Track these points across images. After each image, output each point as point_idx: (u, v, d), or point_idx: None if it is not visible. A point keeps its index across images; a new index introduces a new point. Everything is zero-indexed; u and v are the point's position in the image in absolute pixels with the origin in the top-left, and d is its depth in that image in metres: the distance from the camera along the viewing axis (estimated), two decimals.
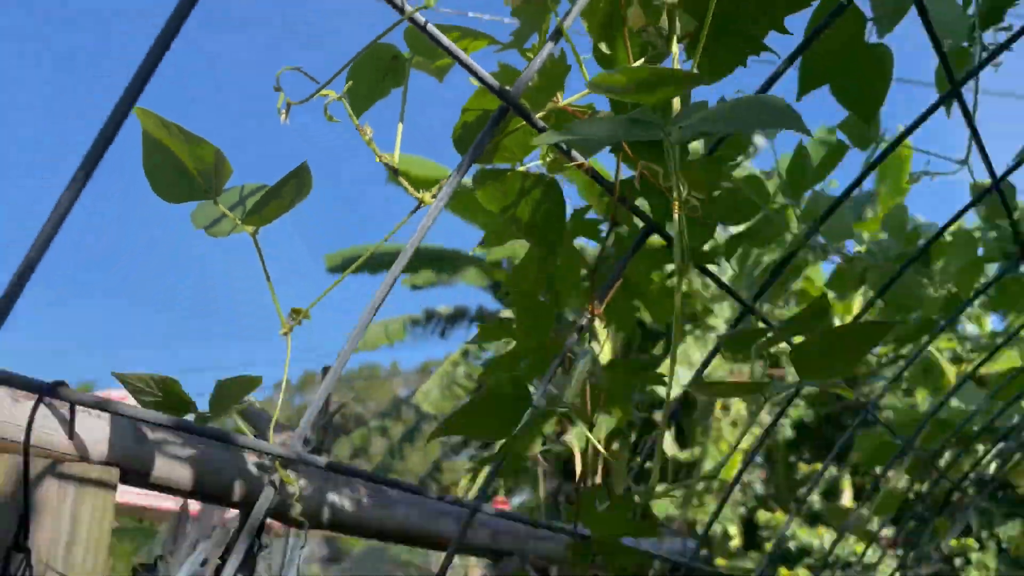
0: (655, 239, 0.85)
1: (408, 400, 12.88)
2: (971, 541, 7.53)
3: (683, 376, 9.71)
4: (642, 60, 0.64)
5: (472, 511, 0.88)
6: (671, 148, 0.57)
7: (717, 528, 9.24)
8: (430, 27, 0.63)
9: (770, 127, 0.56)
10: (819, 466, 8.82)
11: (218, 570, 1.09)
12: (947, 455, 1.75)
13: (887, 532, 8.47)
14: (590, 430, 0.80)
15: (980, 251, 1.29)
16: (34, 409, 0.57)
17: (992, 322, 4.92)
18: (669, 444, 11.95)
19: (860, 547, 7.69)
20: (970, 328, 5.06)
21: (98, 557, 0.79)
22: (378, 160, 0.69)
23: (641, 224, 0.78)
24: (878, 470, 2.01)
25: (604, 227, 0.86)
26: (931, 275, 1.36)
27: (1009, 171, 1.11)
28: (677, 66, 0.63)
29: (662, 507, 8.40)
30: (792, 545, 7.62)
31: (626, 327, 0.85)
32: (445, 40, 0.61)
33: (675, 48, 0.60)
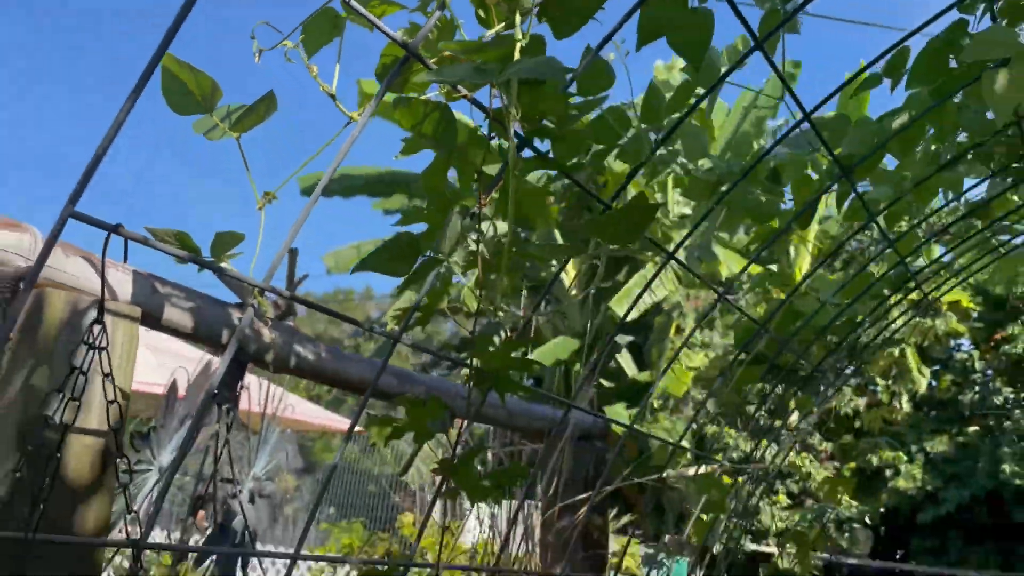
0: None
1: (379, 321, 13.24)
2: (901, 455, 8.13)
3: (642, 300, 10.11)
4: (503, 24, 0.94)
5: (394, 341, 1.20)
6: (502, 86, 0.88)
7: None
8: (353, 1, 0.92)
9: (547, 76, 0.85)
10: (764, 385, 9.31)
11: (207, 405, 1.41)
12: (812, 345, 2.09)
13: (827, 446, 9.08)
14: (480, 287, 1.11)
15: (812, 174, 1.62)
16: (105, 242, 0.86)
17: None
18: (629, 365, 12.46)
19: (801, 460, 8.27)
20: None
21: (127, 373, 1.11)
22: (321, 89, 0.98)
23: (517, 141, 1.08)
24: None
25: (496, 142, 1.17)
26: (780, 192, 1.69)
27: (815, 108, 1.42)
28: (526, 30, 0.92)
29: (619, 413, 8.91)
30: (735, 455, 8.13)
31: (518, 213, 1.15)
32: (362, 9, 0.89)
33: (517, 19, 0.89)
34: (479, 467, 1.67)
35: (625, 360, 12.48)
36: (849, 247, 5.14)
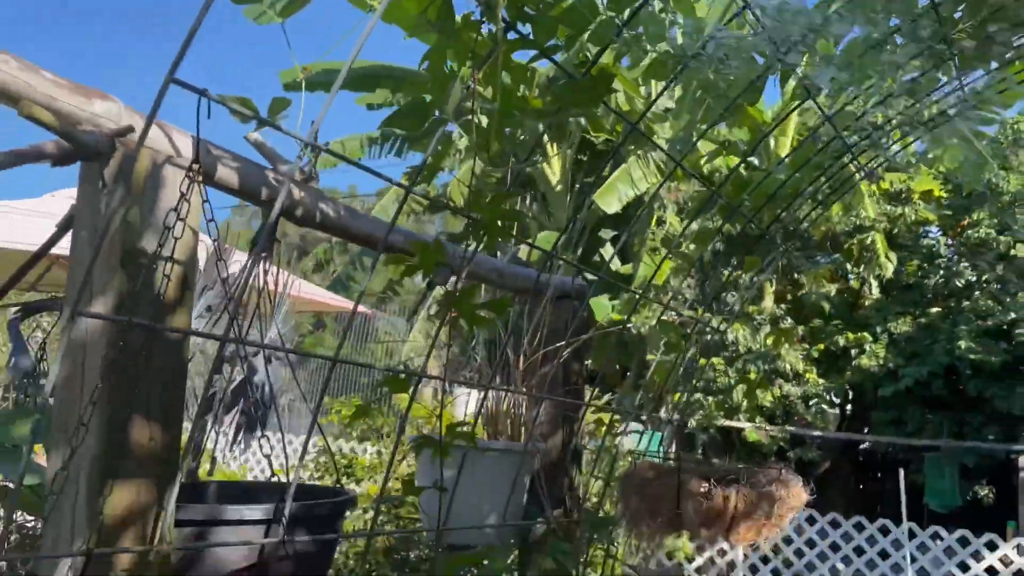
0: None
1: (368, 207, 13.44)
2: (866, 335, 8.61)
3: (625, 194, 10.38)
4: None
5: (406, 192, 1.48)
6: None
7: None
8: None
9: None
10: (740, 274, 9.68)
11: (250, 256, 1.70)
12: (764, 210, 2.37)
13: (799, 329, 9.55)
14: (476, 150, 1.39)
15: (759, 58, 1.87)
16: (198, 104, 1.12)
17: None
18: (614, 259, 12.83)
19: (771, 339, 8.74)
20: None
21: (196, 216, 1.39)
22: None
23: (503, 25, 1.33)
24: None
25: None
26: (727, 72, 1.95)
27: None
28: None
29: (602, 305, 9.31)
30: (710, 338, 8.56)
31: (508, 88, 1.41)
32: None
33: None
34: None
35: (608, 253, 12.85)
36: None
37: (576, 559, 2.18)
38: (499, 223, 1.56)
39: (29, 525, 1.92)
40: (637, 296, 2.17)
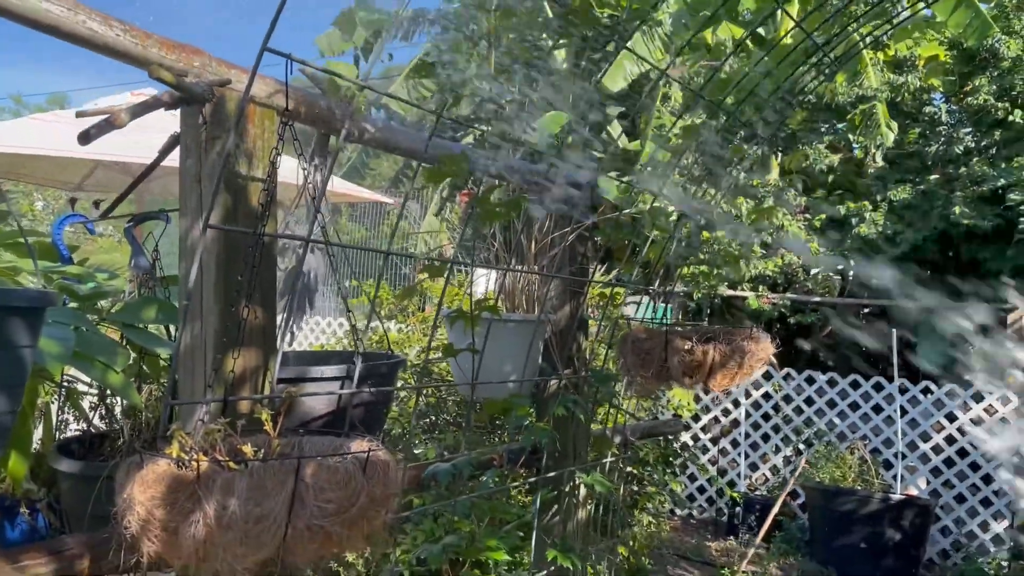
0: None
1: (376, 103, 13.60)
2: (867, 204, 8.91)
3: (630, 71, 10.47)
4: None
5: (438, 116, 1.83)
6: None
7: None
8: None
9: None
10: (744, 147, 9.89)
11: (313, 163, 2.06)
12: (746, 109, 2.66)
13: (802, 200, 9.84)
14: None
15: None
16: (287, 65, 1.46)
17: None
18: (619, 135, 13.00)
19: (754, 216, 9.06)
20: None
21: (267, 141, 1.76)
22: None
23: None
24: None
25: None
26: None
27: None
28: None
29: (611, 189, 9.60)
30: (717, 212, 8.89)
31: None
32: None
33: None
34: None
35: (615, 131, 13.01)
36: None
37: (583, 408, 2.64)
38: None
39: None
40: (634, 181, 2.51)
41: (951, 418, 7.31)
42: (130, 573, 1.58)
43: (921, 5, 3.34)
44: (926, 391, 7.42)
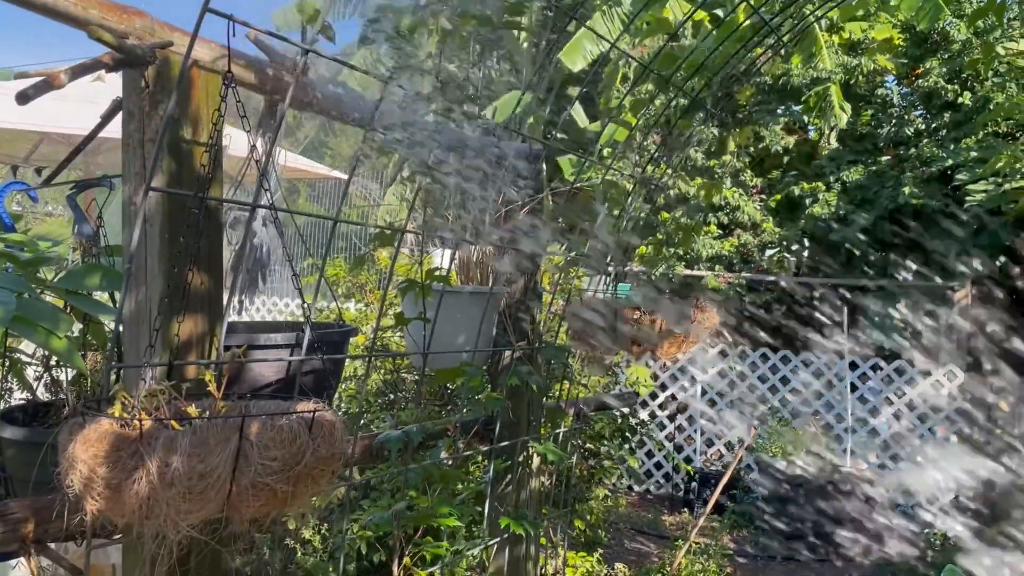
0: None
1: (333, 81, 13.45)
2: (820, 184, 9.07)
3: (589, 51, 10.48)
4: None
5: (385, 82, 1.84)
6: None
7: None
8: None
9: None
10: (704, 127, 9.97)
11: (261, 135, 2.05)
12: (694, 80, 2.70)
13: (757, 181, 9.98)
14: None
15: None
16: (229, 26, 1.46)
17: None
18: (580, 116, 13.04)
19: (729, 193, 9.19)
20: None
21: (212, 106, 1.75)
22: None
23: None
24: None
25: None
26: None
27: None
28: None
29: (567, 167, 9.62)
30: (672, 193, 8.97)
31: None
32: None
33: None
34: None
35: (577, 113, 13.04)
36: None
37: (536, 379, 2.68)
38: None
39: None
40: (584, 159, 2.54)
41: (899, 394, 7.52)
42: (76, 536, 1.58)
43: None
44: (875, 368, 7.61)
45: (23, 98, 1.42)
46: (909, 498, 7.26)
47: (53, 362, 2.08)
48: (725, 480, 5.15)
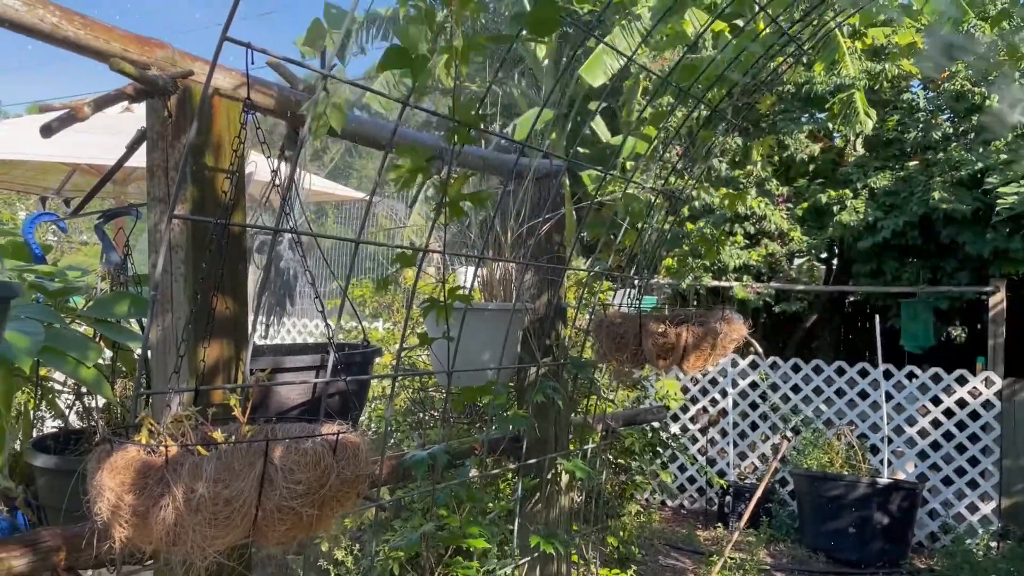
0: None
1: (357, 104, 13.61)
2: (847, 191, 8.97)
3: (610, 66, 10.50)
4: None
5: (404, 105, 1.85)
6: None
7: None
8: None
9: None
10: (727, 138, 9.92)
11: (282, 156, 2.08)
12: (712, 91, 2.68)
13: (784, 190, 9.90)
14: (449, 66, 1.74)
15: None
16: (247, 54, 1.47)
17: None
18: (603, 131, 13.04)
19: (755, 203, 9.13)
20: None
21: (234, 133, 1.77)
22: None
23: None
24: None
25: None
26: None
27: None
28: None
29: (590, 182, 9.61)
30: (697, 204, 8.93)
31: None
32: None
33: None
34: None
35: (599, 126, 13.04)
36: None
37: (563, 395, 2.66)
38: (469, 130, 1.93)
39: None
40: (604, 173, 2.53)
41: (936, 401, 7.38)
42: (106, 564, 1.59)
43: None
44: (911, 376, 7.49)
45: (47, 131, 1.45)
46: (949, 508, 7.11)
47: (84, 390, 2.11)
48: (760, 493, 5.08)
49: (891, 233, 8.30)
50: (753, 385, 8.24)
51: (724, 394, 8.28)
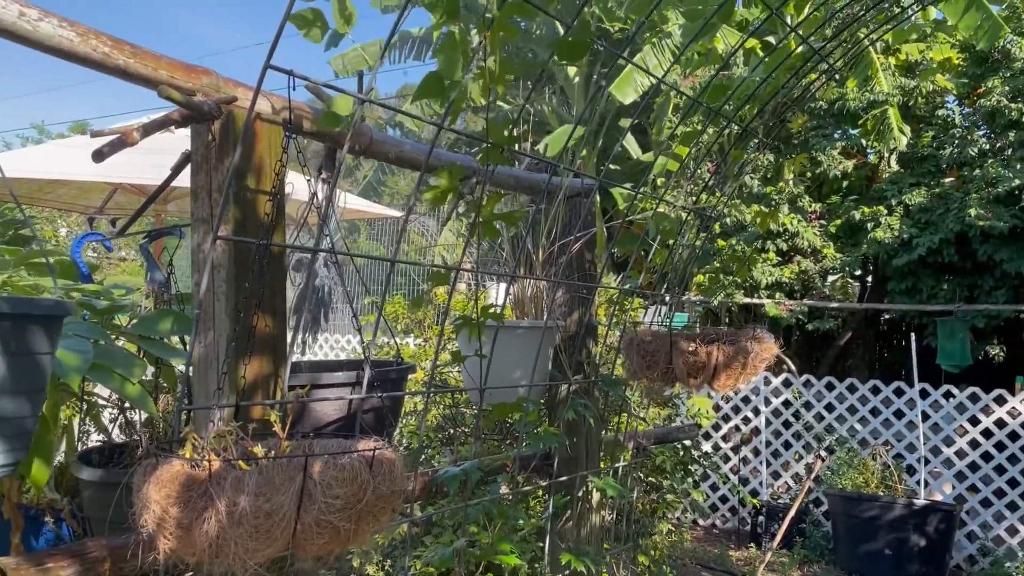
0: None
1: (390, 122, 13.78)
2: (882, 208, 8.89)
3: (640, 83, 10.52)
4: None
5: (439, 128, 1.89)
6: None
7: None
8: None
9: None
10: (758, 155, 9.87)
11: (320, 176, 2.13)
12: (744, 109, 2.70)
13: (816, 207, 9.83)
14: (484, 91, 1.78)
15: None
16: (289, 81, 1.51)
17: None
18: (633, 147, 13.07)
19: (788, 220, 9.07)
20: None
21: (275, 156, 1.82)
22: None
23: None
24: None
25: None
26: None
27: None
28: None
29: (621, 199, 9.63)
30: (728, 221, 8.90)
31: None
32: None
33: None
34: None
35: (630, 143, 13.08)
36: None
37: (594, 412, 2.68)
38: (502, 150, 1.97)
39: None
40: (635, 191, 2.55)
41: (974, 422, 7.26)
42: (149, 575, 1.64)
43: (922, 5, 3.36)
44: (948, 395, 7.37)
45: (99, 156, 1.51)
46: (988, 530, 6.97)
47: (127, 405, 2.17)
48: (793, 513, 5.03)
49: (927, 250, 8.20)
50: (786, 403, 8.16)
51: (756, 412, 8.21)
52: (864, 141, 9.41)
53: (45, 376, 1.28)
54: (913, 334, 7.81)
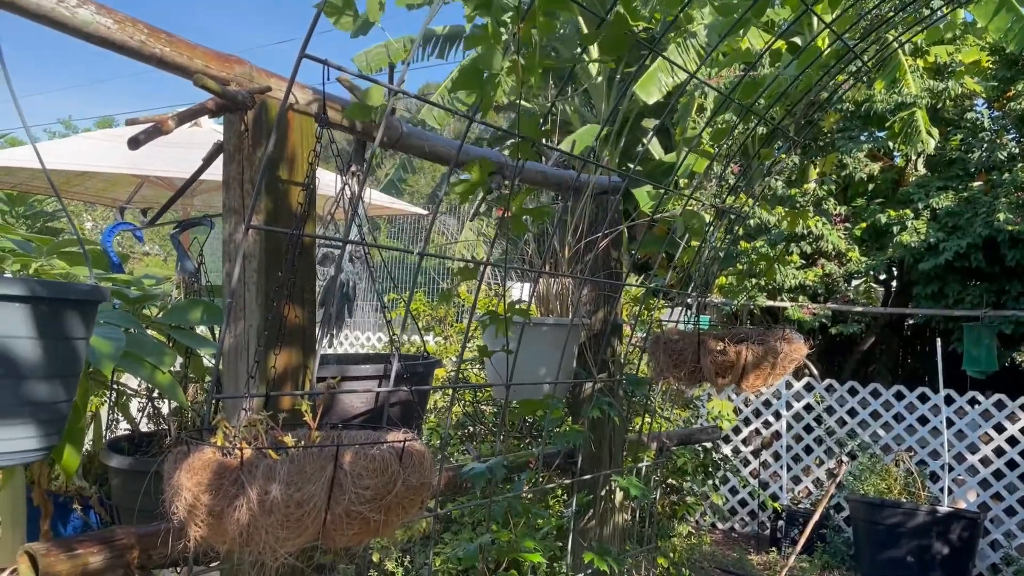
0: None
1: (412, 120, 13.81)
2: (908, 212, 8.79)
3: (664, 83, 10.48)
4: None
5: (470, 120, 1.88)
6: None
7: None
8: None
9: None
10: (784, 157, 9.78)
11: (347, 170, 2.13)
12: (775, 108, 2.66)
13: (842, 209, 9.73)
14: (519, 85, 1.77)
15: None
16: (324, 71, 1.52)
17: None
18: (656, 148, 13.01)
19: (813, 222, 8.98)
20: None
21: (307, 147, 1.82)
22: None
23: None
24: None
25: None
26: None
27: None
28: None
29: (644, 199, 9.60)
30: (752, 223, 8.84)
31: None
32: None
33: None
34: None
35: (652, 144, 13.02)
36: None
37: (618, 410, 2.66)
38: (532, 145, 1.96)
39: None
40: (664, 190, 2.53)
41: (999, 429, 7.16)
42: (178, 563, 1.64)
43: (952, 7, 3.32)
44: (973, 402, 7.28)
45: (134, 143, 1.51)
46: (1012, 539, 6.87)
47: (156, 393, 2.18)
48: (815, 519, 4.98)
49: (954, 255, 8.10)
50: (808, 408, 8.10)
51: (777, 416, 8.15)
52: (891, 144, 9.31)
53: (80, 361, 1.28)
54: (939, 339, 7.71)
